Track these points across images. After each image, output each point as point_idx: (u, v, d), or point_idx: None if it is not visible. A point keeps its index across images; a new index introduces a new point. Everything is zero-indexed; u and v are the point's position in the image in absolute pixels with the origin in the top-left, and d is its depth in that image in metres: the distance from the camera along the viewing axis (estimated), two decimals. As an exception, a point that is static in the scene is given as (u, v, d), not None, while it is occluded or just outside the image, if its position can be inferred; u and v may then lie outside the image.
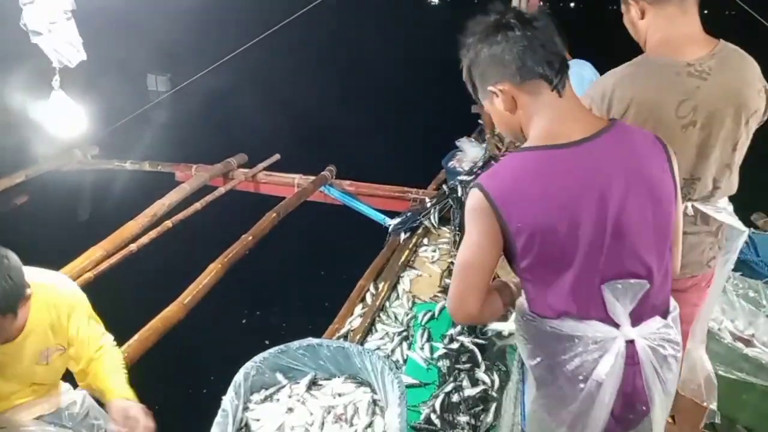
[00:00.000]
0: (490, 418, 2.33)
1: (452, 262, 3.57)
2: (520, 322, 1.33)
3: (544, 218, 1.18)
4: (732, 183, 1.77)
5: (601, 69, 2.79)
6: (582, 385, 1.23)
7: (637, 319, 1.24)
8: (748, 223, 3.95)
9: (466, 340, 2.70)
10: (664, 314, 1.30)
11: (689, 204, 1.72)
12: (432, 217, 4.08)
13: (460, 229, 3.87)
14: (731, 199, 1.83)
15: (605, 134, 1.22)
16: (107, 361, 1.97)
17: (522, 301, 1.33)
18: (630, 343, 1.23)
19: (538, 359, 1.29)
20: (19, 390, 1.90)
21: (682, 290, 1.75)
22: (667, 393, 1.28)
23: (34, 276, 1.81)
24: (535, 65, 1.20)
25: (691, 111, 1.60)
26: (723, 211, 1.78)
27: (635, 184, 1.20)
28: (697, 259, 1.79)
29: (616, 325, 1.23)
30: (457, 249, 3.62)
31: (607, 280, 1.21)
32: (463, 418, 2.33)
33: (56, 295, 1.87)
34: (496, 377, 2.53)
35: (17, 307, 1.68)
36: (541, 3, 4.49)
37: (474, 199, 1.24)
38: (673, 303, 1.33)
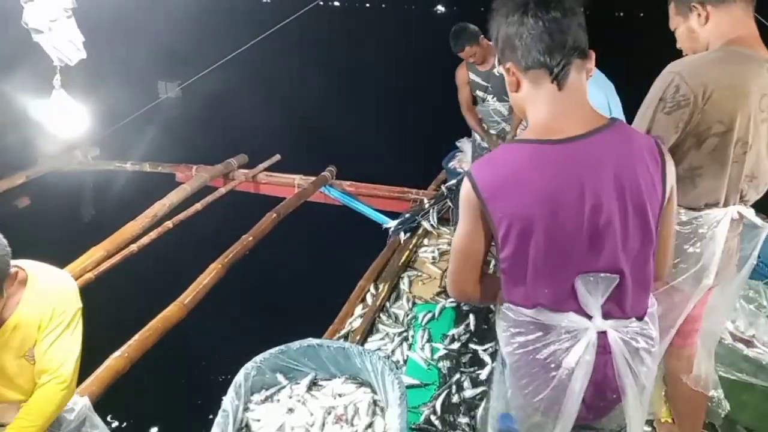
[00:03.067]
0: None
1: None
2: (499, 310, 1.38)
3: (524, 210, 1.20)
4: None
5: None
6: (554, 373, 1.27)
7: (611, 315, 1.27)
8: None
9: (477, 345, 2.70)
10: (641, 318, 1.31)
11: (735, 209, 1.69)
12: (430, 218, 4.08)
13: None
14: None
15: (600, 133, 1.21)
16: (34, 401, 1.76)
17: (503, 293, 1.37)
18: (602, 333, 1.26)
19: (514, 346, 1.32)
20: (4, 385, 1.78)
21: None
22: (640, 385, 1.30)
23: (40, 270, 1.77)
24: (539, 54, 1.20)
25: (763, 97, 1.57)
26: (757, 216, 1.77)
27: (620, 187, 1.20)
28: (732, 261, 1.79)
29: (590, 317, 1.26)
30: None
31: (583, 271, 1.23)
32: (463, 420, 2.33)
33: (53, 294, 1.78)
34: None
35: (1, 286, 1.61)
36: None
37: (464, 187, 1.28)
38: (651, 299, 1.34)
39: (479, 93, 4.11)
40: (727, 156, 1.59)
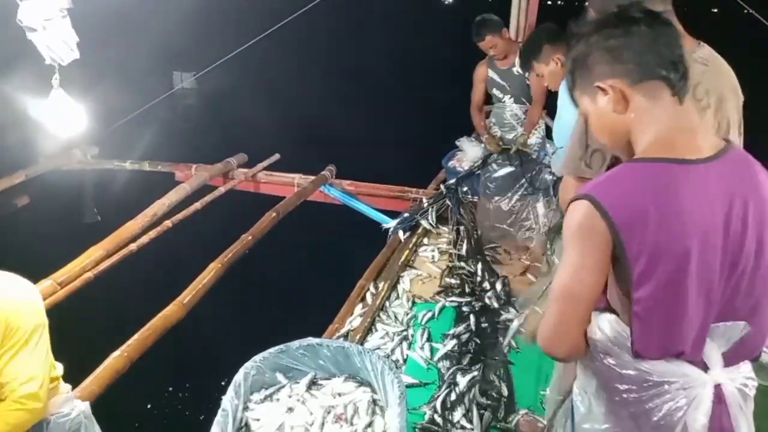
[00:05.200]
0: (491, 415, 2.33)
1: (452, 261, 3.57)
2: (594, 366, 1.20)
3: (672, 240, 1.04)
4: None
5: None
6: None
7: (727, 360, 1.14)
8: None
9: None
10: (755, 356, 1.20)
11: None
12: (429, 217, 4.08)
13: (458, 226, 3.87)
14: None
15: (728, 155, 1.10)
16: None
17: (600, 340, 1.18)
18: (716, 385, 1.13)
19: (616, 405, 1.17)
20: None
21: None
22: (751, 427, 1.18)
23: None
24: (657, 65, 1.09)
25: (705, 94, 1.60)
26: None
27: (756, 215, 1.09)
28: None
29: (705, 367, 1.12)
30: (456, 248, 3.64)
31: (716, 317, 1.11)
32: (464, 421, 2.33)
33: (5, 309, 1.61)
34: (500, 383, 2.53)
35: None
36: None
37: (584, 214, 1.08)
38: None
39: (496, 92, 4.11)
40: None
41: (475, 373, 2.47)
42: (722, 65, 1.68)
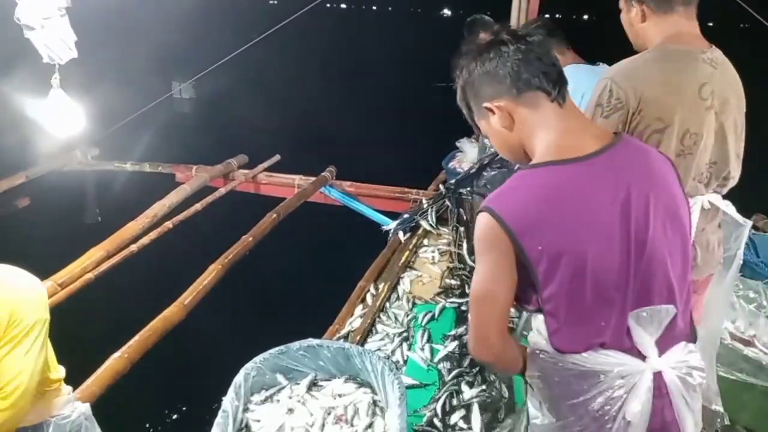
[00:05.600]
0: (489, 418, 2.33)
1: (452, 262, 3.57)
2: (535, 362, 1.23)
3: (567, 239, 1.09)
4: (737, 174, 1.79)
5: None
6: (610, 425, 1.13)
7: (662, 347, 1.15)
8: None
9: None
10: (688, 337, 1.21)
11: (706, 199, 1.73)
12: (429, 218, 4.08)
13: (458, 226, 3.87)
14: (731, 200, 1.84)
15: (616, 147, 1.15)
16: None
17: (536, 338, 1.23)
18: (657, 374, 1.14)
19: (558, 400, 1.19)
20: None
21: (697, 293, 1.76)
22: (697, 423, 1.19)
23: (4, 273, 1.62)
24: (531, 77, 1.16)
25: (710, 95, 1.63)
26: (729, 204, 1.80)
27: (654, 201, 1.13)
28: (714, 257, 1.80)
29: (641, 356, 1.14)
30: (457, 247, 3.64)
31: (635, 304, 1.13)
32: (463, 423, 2.32)
33: (11, 300, 1.59)
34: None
35: None
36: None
37: (484, 225, 1.13)
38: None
39: None
40: (671, 151, 1.62)
41: (483, 387, 2.46)
42: (730, 70, 1.70)
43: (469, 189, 4.14)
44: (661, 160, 1.22)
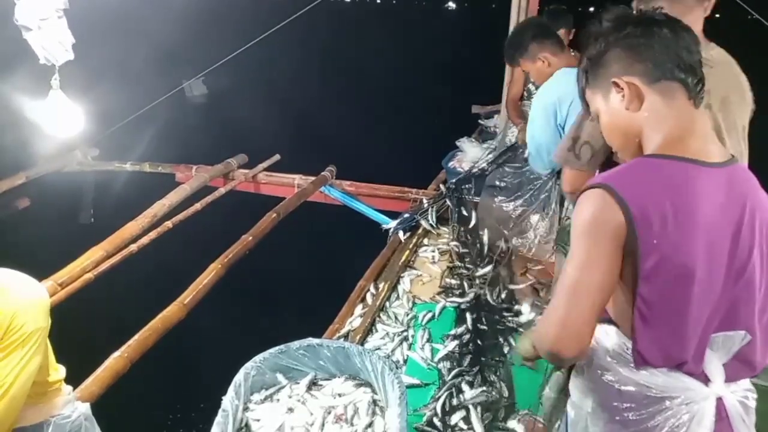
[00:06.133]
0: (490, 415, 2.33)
1: (452, 262, 3.57)
2: (593, 380, 1.16)
3: (683, 240, 1.02)
4: None
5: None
6: None
7: (731, 374, 1.11)
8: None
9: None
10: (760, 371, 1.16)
11: None
12: (429, 217, 4.08)
13: (459, 224, 3.87)
14: None
15: (734, 165, 1.09)
16: None
17: (600, 356, 1.15)
18: (718, 398, 1.10)
19: (618, 425, 1.12)
20: None
21: None
22: None
23: (8, 278, 1.62)
24: (676, 68, 1.09)
25: (706, 94, 1.62)
26: None
27: (759, 225, 1.08)
28: None
29: (706, 380, 1.09)
30: (457, 240, 3.63)
31: (718, 326, 1.08)
32: (463, 423, 2.32)
33: (15, 305, 1.59)
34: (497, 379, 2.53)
35: None
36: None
37: (599, 203, 1.03)
38: None
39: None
40: None
41: (484, 388, 2.46)
42: (732, 69, 1.67)
43: (470, 188, 4.13)
44: (758, 184, 1.15)
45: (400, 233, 4.00)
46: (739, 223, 1.05)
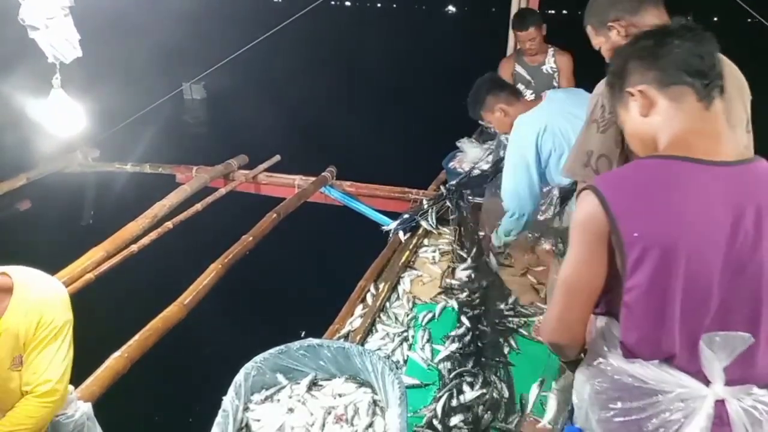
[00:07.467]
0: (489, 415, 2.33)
1: (452, 262, 3.57)
2: (591, 367, 1.20)
3: (667, 233, 1.05)
4: None
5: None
6: None
7: (734, 377, 1.09)
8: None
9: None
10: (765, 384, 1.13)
11: None
12: (429, 218, 4.07)
13: (459, 226, 3.86)
14: None
15: (752, 165, 1.11)
16: (14, 413, 1.67)
17: (598, 346, 1.18)
18: (720, 402, 1.08)
19: (612, 413, 1.14)
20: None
21: None
22: None
23: (29, 277, 1.68)
24: (684, 72, 1.13)
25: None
26: None
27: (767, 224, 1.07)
28: None
29: (706, 381, 1.09)
30: (459, 241, 3.62)
31: (715, 324, 1.08)
32: (463, 425, 2.32)
33: (41, 303, 1.67)
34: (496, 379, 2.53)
35: None
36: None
37: (587, 204, 1.11)
38: None
39: (521, 86, 4.12)
40: None
41: (485, 390, 2.46)
42: (727, 66, 1.68)
43: (470, 190, 4.13)
44: None
45: (400, 233, 4.00)
46: (738, 220, 1.06)
